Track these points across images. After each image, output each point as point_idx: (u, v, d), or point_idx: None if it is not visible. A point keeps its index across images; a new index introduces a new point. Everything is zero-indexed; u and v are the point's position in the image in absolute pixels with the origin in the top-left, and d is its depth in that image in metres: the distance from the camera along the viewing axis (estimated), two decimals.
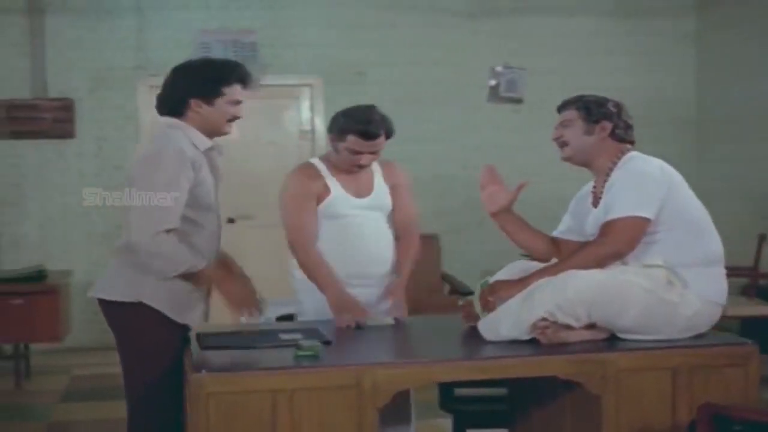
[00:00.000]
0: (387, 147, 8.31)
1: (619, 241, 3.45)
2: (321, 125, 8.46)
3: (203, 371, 3.14)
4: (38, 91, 8.24)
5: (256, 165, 8.43)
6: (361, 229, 4.18)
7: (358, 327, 3.88)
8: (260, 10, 8.49)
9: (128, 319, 3.53)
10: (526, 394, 3.96)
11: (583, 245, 3.62)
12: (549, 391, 3.69)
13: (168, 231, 3.39)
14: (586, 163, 3.76)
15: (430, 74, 8.63)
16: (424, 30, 8.64)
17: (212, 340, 3.62)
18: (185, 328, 3.62)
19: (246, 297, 3.59)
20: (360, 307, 4.01)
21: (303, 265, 4.13)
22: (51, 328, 6.41)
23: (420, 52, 8.64)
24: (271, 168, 7.63)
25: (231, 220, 8.49)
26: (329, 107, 8.40)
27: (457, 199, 8.60)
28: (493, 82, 8.68)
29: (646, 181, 3.50)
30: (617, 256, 3.48)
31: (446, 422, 4.51)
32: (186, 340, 3.63)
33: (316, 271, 4.09)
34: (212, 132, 3.67)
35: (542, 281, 3.45)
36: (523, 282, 3.53)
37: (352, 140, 4.07)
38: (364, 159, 4.12)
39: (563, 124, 3.76)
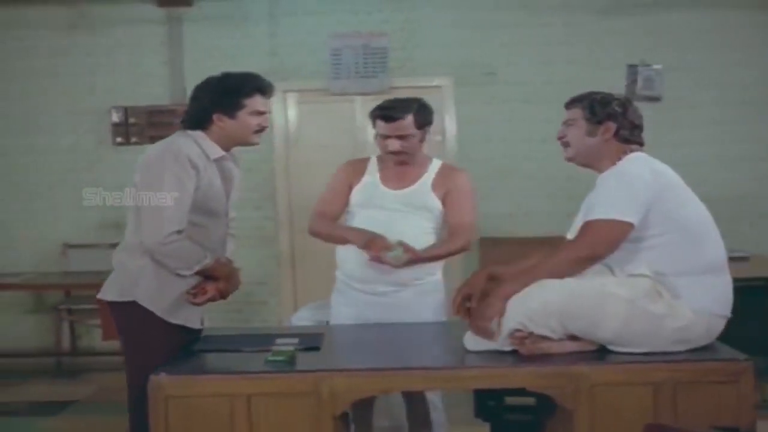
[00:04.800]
0: (514, 146, 8.23)
1: (594, 243, 3.25)
2: (452, 126, 8.38)
3: (162, 374, 3.19)
4: (177, 97, 8.54)
5: None
6: (394, 224, 4.14)
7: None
8: (390, 13, 8.49)
9: (126, 319, 3.64)
10: (548, 404, 3.80)
11: (559, 247, 3.44)
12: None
13: (178, 232, 3.49)
14: (589, 165, 3.60)
15: (562, 73, 8.37)
16: (555, 29, 8.39)
17: (206, 343, 3.68)
18: (191, 330, 3.69)
19: (231, 274, 3.75)
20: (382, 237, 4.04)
21: (319, 229, 4.31)
22: None
23: (552, 51, 8.40)
24: None
25: None
26: (460, 108, 8.37)
27: None
28: (629, 81, 8.35)
29: (630, 183, 3.29)
30: (594, 258, 3.27)
31: (479, 430, 4.37)
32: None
33: (335, 226, 4.29)
34: (238, 144, 3.80)
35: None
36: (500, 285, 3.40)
37: (378, 125, 4.24)
38: (390, 144, 4.21)
39: (567, 123, 3.60)
